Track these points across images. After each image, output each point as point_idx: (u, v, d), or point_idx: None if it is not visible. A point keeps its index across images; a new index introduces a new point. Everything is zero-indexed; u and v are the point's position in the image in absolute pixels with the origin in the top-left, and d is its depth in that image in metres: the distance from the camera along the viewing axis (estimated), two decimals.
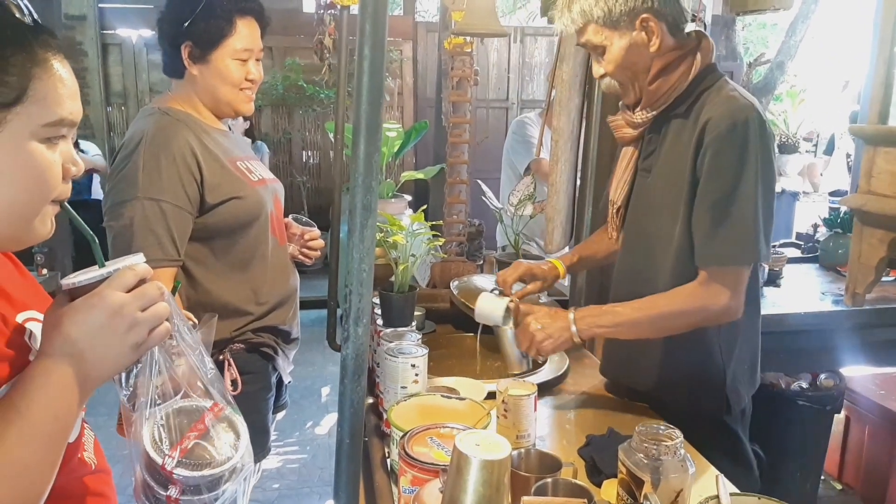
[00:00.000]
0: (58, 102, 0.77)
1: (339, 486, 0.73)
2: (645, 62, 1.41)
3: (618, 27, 1.39)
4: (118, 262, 0.81)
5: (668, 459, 1.02)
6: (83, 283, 0.77)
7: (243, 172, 1.64)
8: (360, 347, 0.69)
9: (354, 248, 0.67)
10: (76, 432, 0.86)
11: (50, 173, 0.78)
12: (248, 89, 1.66)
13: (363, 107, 0.64)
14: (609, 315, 1.44)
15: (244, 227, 1.59)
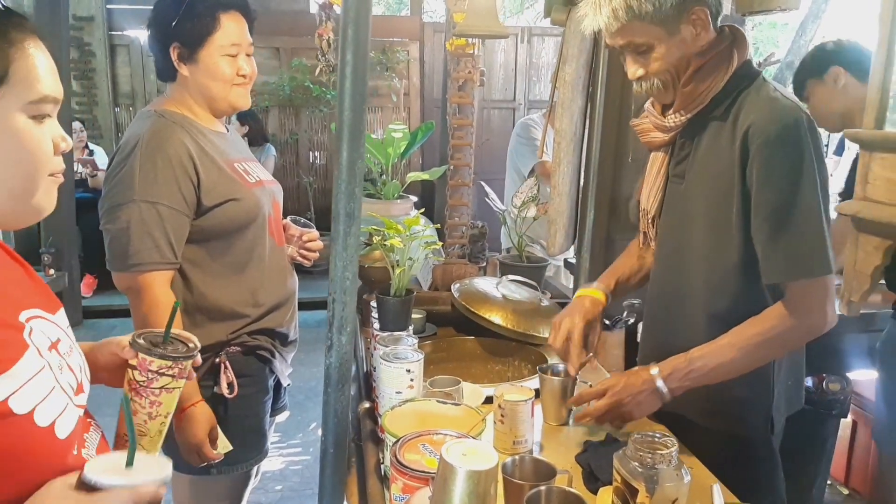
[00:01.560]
0: (39, 80, 0.82)
1: (324, 494, 0.72)
2: (689, 58, 1.31)
3: (666, 22, 1.28)
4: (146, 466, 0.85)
5: (663, 468, 1.01)
6: (103, 485, 0.80)
7: (240, 174, 1.63)
8: (344, 356, 0.68)
9: (338, 257, 0.66)
10: (68, 430, 0.86)
11: (40, 148, 0.83)
12: (242, 85, 1.64)
13: (346, 112, 0.64)
14: (699, 364, 1.28)
15: (241, 229, 1.59)
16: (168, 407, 1.08)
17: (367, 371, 1.56)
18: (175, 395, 1.09)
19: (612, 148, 2.13)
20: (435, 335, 2.00)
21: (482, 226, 2.61)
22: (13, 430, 0.77)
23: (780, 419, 1.43)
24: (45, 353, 0.85)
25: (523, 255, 2.48)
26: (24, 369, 0.79)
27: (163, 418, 1.08)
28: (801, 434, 2.41)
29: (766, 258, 1.25)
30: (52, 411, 0.83)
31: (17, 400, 0.77)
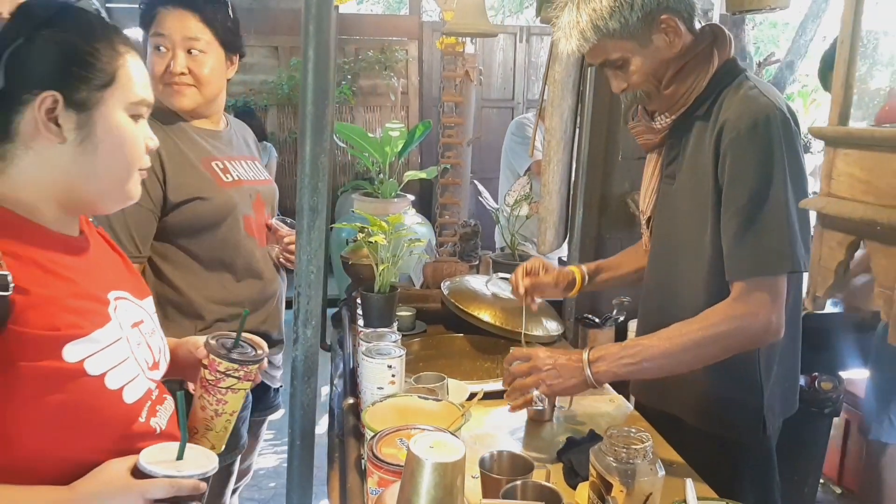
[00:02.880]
0: (138, 85, 0.97)
1: (292, 487, 0.73)
2: (666, 65, 1.33)
3: (636, 35, 1.29)
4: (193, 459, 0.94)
5: (637, 463, 1.02)
6: (153, 473, 0.90)
7: (215, 173, 1.62)
8: (309, 349, 0.69)
9: (302, 251, 0.67)
10: (135, 396, 0.96)
11: (137, 142, 0.98)
12: (174, 84, 1.56)
13: (308, 108, 0.64)
14: (631, 352, 1.28)
15: (209, 227, 1.58)
16: (233, 406, 1.17)
17: (352, 367, 1.57)
18: (241, 395, 1.17)
19: (602, 146, 2.14)
20: (424, 332, 2.01)
21: (475, 224, 2.62)
22: (85, 388, 0.88)
23: (773, 420, 1.42)
24: (127, 328, 0.98)
25: (516, 254, 2.49)
26: (103, 337, 0.91)
27: (228, 416, 1.17)
28: (793, 433, 2.42)
29: (729, 255, 1.25)
30: (123, 378, 0.94)
31: (92, 362, 0.89)
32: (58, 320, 0.86)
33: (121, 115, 0.95)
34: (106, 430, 0.92)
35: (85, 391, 0.88)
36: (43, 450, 0.88)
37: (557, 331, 2.00)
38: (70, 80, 0.90)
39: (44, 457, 0.88)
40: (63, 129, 0.90)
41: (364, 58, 6.16)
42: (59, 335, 0.86)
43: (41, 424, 0.86)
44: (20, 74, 0.88)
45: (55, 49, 0.90)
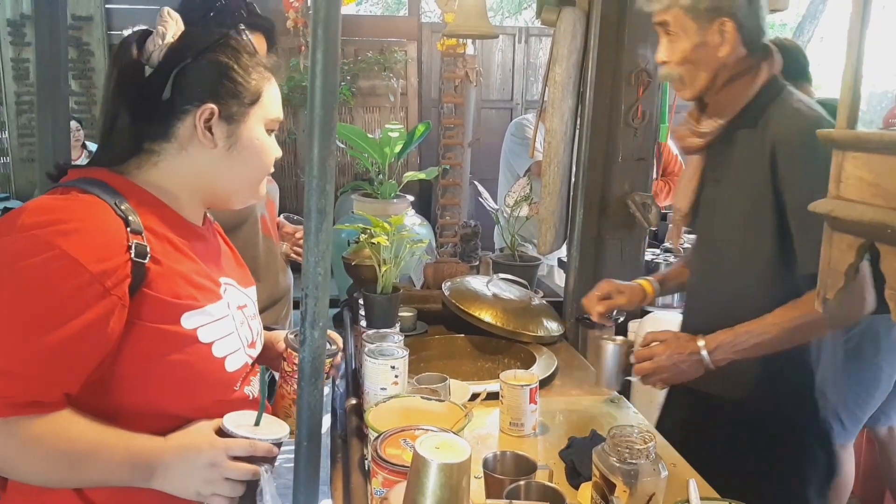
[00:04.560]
0: (275, 105, 1.13)
1: (298, 488, 0.73)
2: (709, 63, 1.42)
3: (697, 20, 1.40)
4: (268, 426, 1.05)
5: (640, 463, 1.02)
6: (232, 433, 1.01)
7: None
8: (316, 350, 0.70)
9: (310, 252, 0.67)
10: (236, 366, 1.07)
11: (271, 153, 1.13)
12: None
13: (316, 111, 0.65)
14: (744, 337, 1.38)
15: (232, 229, 1.60)
16: None
17: (354, 368, 1.57)
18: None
19: (602, 147, 2.15)
20: (425, 333, 2.01)
21: (475, 225, 2.62)
22: (197, 352, 1.00)
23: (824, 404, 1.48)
24: (234, 309, 1.10)
25: (516, 254, 2.49)
26: (214, 311, 1.04)
27: None
28: None
29: (802, 251, 1.34)
30: (227, 349, 1.05)
31: (204, 331, 1.01)
32: (181, 290, 1.00)
33: (260, 129, 1.10)
34: (208, 392, 1.04)
35: (196, 355, 1.01)
36: (153, 402, 1.00)
37: (558, 331, 2.01)
38: (225, 96, 1.05)
39: (152, 409, 1.00)
40: (215, 137, 1.05)
41: (363, 59, 6.16)
42: (181, 304, 0.99)
43: (155, 379, 0.99)
44: (185, 89, 1.03)
45: (216, 70, 1.05)
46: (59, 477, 0.95)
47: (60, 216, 0.92)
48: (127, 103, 1.04)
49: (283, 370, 1.24)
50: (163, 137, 1.05)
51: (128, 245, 0.93)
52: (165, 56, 1.04)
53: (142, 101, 1.04)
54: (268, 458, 1.01)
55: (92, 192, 0.97)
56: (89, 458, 0.94)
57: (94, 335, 0.91)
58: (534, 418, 1.43)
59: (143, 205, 1.02)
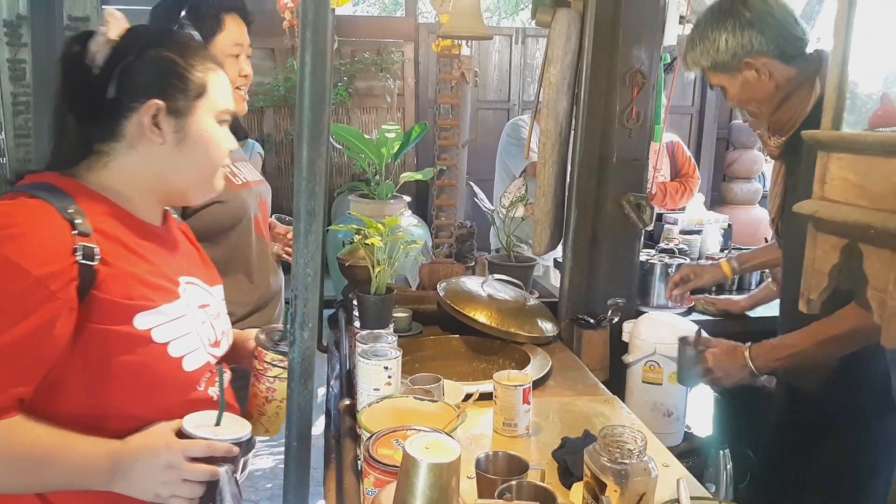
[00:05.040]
0: (224, 96, 1.13)
1: (288, 488, 0.73)
2: (765, 94, 1.54)
3: (727, 70, 1.56)
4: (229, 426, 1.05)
5: (631, 463, 1.02)
6: (192, 435, 1.00)
7: (227, 177, 1.64)
8: (306, 351, 0.70)
9: (299, 254, 0.68)
10: (195, 366, 1.08)
11: (222, 145, 1.13)
12: (242, 87, 1.66)
13: (305, 112, 0.65)
14: (785, 349, 1.54)
15: (226, 230, 1.61)
16: (283, 394, 1.23)
17: (349, 369, 1.57)
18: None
19: (597, 149, 2.14)
20: (420, 334, 2.02)
21: (471, 225, 2.63)
22: (151, 353, 1.01)
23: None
24: (193, 308, 1.11)
25: (511, 255, 2.50)
26: (170, 311, 1.04)
27: (278, 403, 1.26)
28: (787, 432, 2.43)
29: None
30: (184, 348, 1.06)
31: (159, 331, 1.02)
32: (133, 291, 1.00)
33: (210, 122, 1.10)
34: (167, 393, 1.05)
35: (150, 356, 1.01)
36: (110, 404, 1.00)
37: (553, 331, 2.01)
38: (171, 91, 1.06)
39: (110, 412, 1.01)
40: (164, 133, 1.06)
41: (360, 59, 6.17)
42: (133, 304, 1.00)
43: (110, 381, 0.99)
44: (130, 86, 1.04)
45: (160, 65, 1.06)
46: (15, 483, 0.95)
47: (3, 222, 0.93)
48: (74, 105, 1.06)
49: (254, 368, 1.24)
50: (111, 137, 1.06)
51: (73, 248, 0.93)
52: (109, 55, 1.04)
53: (88, 101, 1.04)
54: (227, 458, 1.01)
55: (39, 197, 0.97)
56: (46, 464, 0.94)
57: (42, 339, 0.91)
58: (527, 418, 1.43)
59: (94, 207, 1.02)
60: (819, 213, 0.78)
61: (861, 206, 0.71)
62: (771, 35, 1.49)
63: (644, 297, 2.43)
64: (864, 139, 0.73)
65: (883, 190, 0.69)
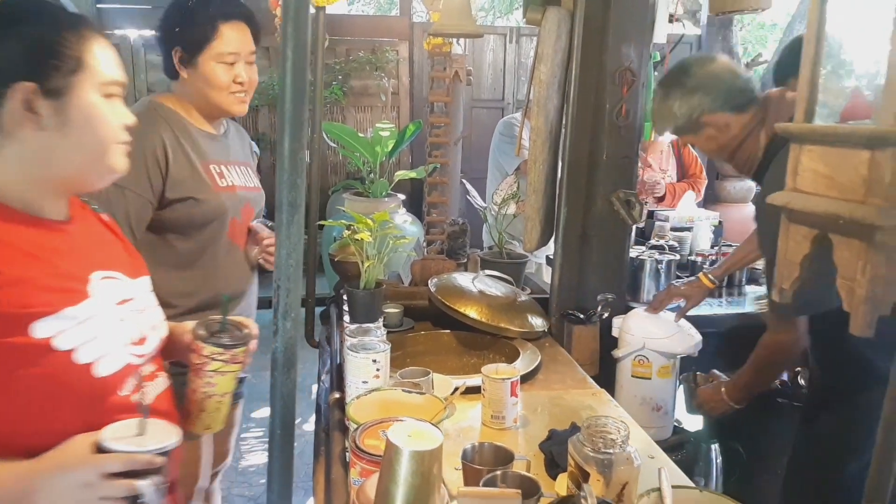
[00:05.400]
0: (107, 67, 1.02)
1: (272, 477, 0.75)
2: (731, 143, 1.70)
3: (690, 131, 1.72)
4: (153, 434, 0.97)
5: (615, 452, 1.04)
6: (109, 449, 0.93)
7: (212, 176, 1.68)
8: (289, 340, 0.71)
9: (282, 245, 0.69)
10: (110, 370, 1.00)
11: (111, 119, 1.03)
12: (239, 92, 1.70)
13: (287, 106, 0.66)
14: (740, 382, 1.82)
15: (197, 227, 1.63)
16: (223, 388, 1.21)
17: (338, 363, 1.59)
18: (229, 378, 1.20)
19: (587, 146, 2.16)
20: (412, 329, 2.03)
21: (463, 223, 2.64)
22: (53, 362, 0.93)
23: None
24: (110, 305, 1.03)
25: (503, 252, 2.51)
26: (76, 314, 0.96)
27: (219, 397, 1.21)
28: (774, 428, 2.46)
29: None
30: (95, 353, 0.98)
31: (61, 338, 0.94)
32: (30, 299, 0.92)
33: (93, 96, 1.00)
34: (78, 403, 0.97)
35: (52, 366, 0.93)
36: (17, 422, 0.93)
37: (543, 327, 2.03)
38: (42, 70, 0.96)
39: (19, 429, 0.94)
40: (41, 117, 0.96)
41: (355, 58, 6.17)
42: (29, 313, 0.92)
43: (13, 397, 0.92)
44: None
45: (25, 43, 0.96)
46: None
47: None
48: None
49: (192, 363, 1.19)
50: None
51: None
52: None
53: None
54: (150, 469, 0.94)
55: None
56: None
57: None
58: (515, 411, 1.45)
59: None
60: (791, 204, 0.79)
61: (831, 196, 0.73)
62: (717, 93, 1.66)
63: (634, 293, 2.45)
64: (833, 131, 0.74)
65: (851, 181, 0.71)
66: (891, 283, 0.68)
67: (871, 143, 0.67)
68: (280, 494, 0.76)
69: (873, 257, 0.67)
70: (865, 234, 0.68)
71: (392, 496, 0.76)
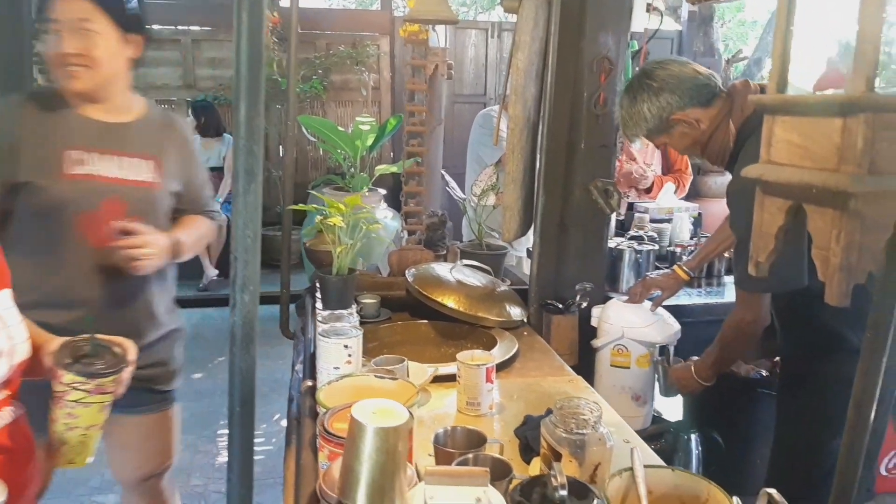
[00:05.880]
0: None
1: (232, 455, 0.72)
2: (702, 137, 1.74)
3: (662, 131, 1.76)
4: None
5: (587, 433, 1.03)
6: None
7: (69, 163, 1.54)
8: (247, 315, 0.69)
9: (238, 215, 0.66)
10: None
11: None
12: (70, 65, 1.51)
13: (242, 72, 0.64)
14: (709, 359, 1.87)
15: (38, 215, 1.53)
16: (88, 420, 1.07)
17: (312, 351, 1.56)
18: (94, 409, 1.07)
19: (565, 135, 2.15)
20: (389, 320, 2.01)
21: (442, 214, 2.62)
22: None
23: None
24: None
25: (483, 243, 2.50)
26: None
27: (83, 430, 1.08)
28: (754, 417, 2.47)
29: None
30: None
31: None
32: None
33: None
34: None
35: None
36: None
37: (521, 316, 2.01)
38: None
39: None
40: None
41: (335, 53, 6.13)
42: None
43: None
44: None
45: None
46: None
47: None
48: None
49: (53, 390, 1.05)
50: None
51: None
52: None
53: None
54: None
55: None
56: None
57: None
58: (490, 398, 1.43)
59: None
60: (765, 175, 0.78)
61: (804, 167, 0.72)
62: (681, 91, 1.71)
63: (613, 283, 2.45)
64: (805, 100, 0.73)
65: (824, 150, 0.70)
66: (865, 251, 0.67)
67: (843, 110, 0.66)
68: (241, 475, 0.73)
69: (847, 225, 0.66)
70: (839, 203, 0.67)
71: (356, 474, 0.74)
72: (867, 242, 0.66)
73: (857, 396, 0.86)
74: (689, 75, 1.73)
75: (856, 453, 0.83)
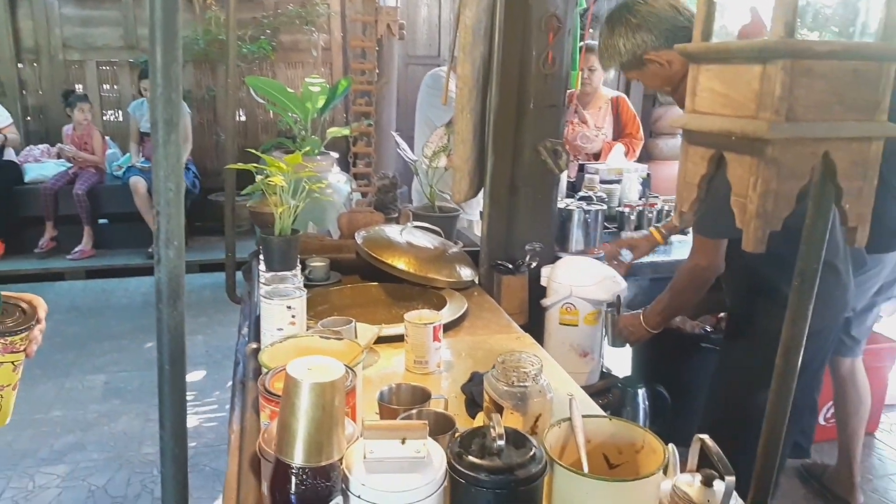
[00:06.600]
0: None
1: (164, 414, 0.71)
2: (672, 78, 1.74)
3: (634, 67, 1.79)
4: None
5: (528, 386, 1.05)
6: None
7: None
8: (173, 270, 0.67)
9: (159, 166, 0.64)
10: None
11: None
12: None
13: (157, 14, 0.61)
14: (659, 307, 1.94)
15: None
16: (2, 380, 1.06)
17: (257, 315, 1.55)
18: (7, 369, 1.06)
19: (514, 94, 2.14)
20: (339, 283, 2.00)
21: (393, 176, 2.59)
22: None
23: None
24: None
25: (435, 206, 2.49)
26: None
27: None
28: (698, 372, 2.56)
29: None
30: None
31: None
32: None
33: None
34: None
35: None
36: None
37: (471, 277, 2.03)
38: None
39: None
40: None
41: (284, 12, 5.96)
42: None
43: None
44: None
45: None
46: None
47: None
48: None
49: None
50: None
51: None
52: None
53: None
54: None
55: None
56: None
57: None
58: (437, 356, 1.44)
59: None
60: (689, 125, 0.79)
61: (725, 115, 0.73)
62: (659, 31, 1.70)
63: (563, 243, 2.48)
64: (727, 48, 0.74)
65: (744, 97, 0.70)
66: (781, 198, 0.68)
67: (762, 55, 0.67)
68: (173, 434, 0.72)
69: (764, 171, 0.67)
70: (756, 150, 0.68)
71: (292, 430, 0.74)
72: (783, 190, 0.67)
73: (786, 344, 0.89)
74: (670, 16, 1.73)
75: (783, 400, 0.86)
